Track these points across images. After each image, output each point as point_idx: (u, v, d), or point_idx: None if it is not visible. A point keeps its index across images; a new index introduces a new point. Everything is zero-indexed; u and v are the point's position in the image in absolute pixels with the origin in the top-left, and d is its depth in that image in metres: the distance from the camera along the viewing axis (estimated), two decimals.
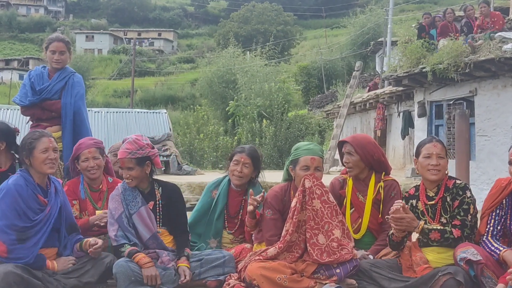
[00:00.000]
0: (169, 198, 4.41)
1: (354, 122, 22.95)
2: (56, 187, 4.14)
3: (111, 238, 4.22)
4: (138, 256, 4.07)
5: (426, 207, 4.04)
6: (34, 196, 3.96)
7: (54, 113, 5.48)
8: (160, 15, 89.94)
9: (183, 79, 59.69)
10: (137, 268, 4.00)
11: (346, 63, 38.96)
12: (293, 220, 3.95)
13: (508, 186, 3.88)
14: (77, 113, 5.48)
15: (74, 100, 5.48)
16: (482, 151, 11.83)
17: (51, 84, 5.46)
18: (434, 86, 13.78)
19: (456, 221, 3.88)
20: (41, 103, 5.45)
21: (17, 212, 3.84)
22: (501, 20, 12.97)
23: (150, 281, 3.99)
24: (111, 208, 4.28)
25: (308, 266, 3.90)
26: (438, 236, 3.84)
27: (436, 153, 3.99)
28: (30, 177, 3.98)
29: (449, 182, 4.02)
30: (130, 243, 4.18)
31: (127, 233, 4.22)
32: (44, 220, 3.95)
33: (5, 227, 3.78)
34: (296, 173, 4.22)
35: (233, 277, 4.08)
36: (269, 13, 65.76)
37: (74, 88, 5.52)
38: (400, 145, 17.63)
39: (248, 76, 33.10)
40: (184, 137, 28.56)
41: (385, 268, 3.95)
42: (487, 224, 3.87)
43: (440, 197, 3.99)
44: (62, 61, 5.50)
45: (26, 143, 4.04)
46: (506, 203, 3.85)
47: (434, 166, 3.97)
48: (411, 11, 48.60)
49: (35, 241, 3.88)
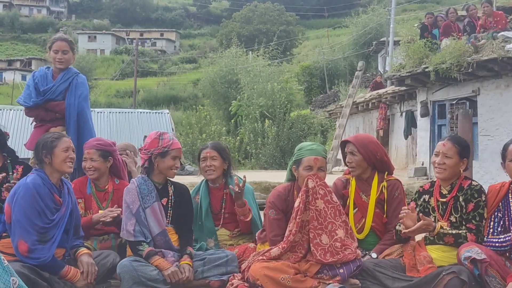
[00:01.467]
0: (180, 196, 4.45)
1: (357, 122, 22.94)
2: (68, 188, 4.17)
3: (128, 233, 4.19)
4: (157, 260, 4.09)
5: (438, 204, 4.06)
6: (51, 196, 3.97)
7: (58, 114, 5.46)
8: (162, 16, 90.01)
9: (185, 79, 59.73)
10: (142, 268, 4.00)
11: (348, 63, 38.90)
12: (296, 220, 3.95)
13: (502, 189, 3.92)
14: (80, 114, 5.46)
15: (78, 101, 5.45)
16: (485, 150, 11.83)
17: (55, 85, 5.44)
18: (436, 86, 13.78)
19: (471, 225, 3.88)
20: (45, 104, 5.44)
21: (37, 211, 3.85)
22: (504, 20, 12.95)
23: (172, 278, 4.01)
24: (128, 202, 4.26)
25: (312, 266, 3.89)
26: (452, 240, 3.86)
27: (443, 152, 4.00)
28: (46, 176, 4.00)
29: (464, 182, 4.02)
30: (147, 240, 4.19)
31: (143, 228, 4.22)
32: (60, 220, 3.97)
33: (28, 226, 3.79)
34: (299, 173, 4.22)
35: (236, 277, 4.08)
36: (271, 13, 65.78)
37: (78, 89, 5.49)
38: (402, 145, 17.62)
39: (251, 76, 33.11)
40: (186, 137, 28.56)
41: (389, 267, 3.94)
42: (488, 227, 3.90)
43: (452, 196, 4.00)
44: (65, 61, 5.48)
45: (47, 141, 4.06)
46: (502, 205, 3.88)
47: (438, 164, 4.00)
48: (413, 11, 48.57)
49: (52, 241, 3.90)
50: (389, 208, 4.31)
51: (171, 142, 4.34)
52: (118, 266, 4.00)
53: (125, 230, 4.22)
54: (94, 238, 4.59)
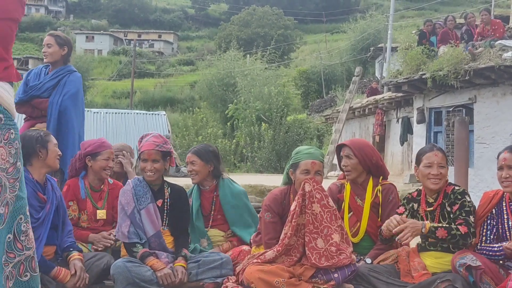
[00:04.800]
0: (176, 198, 4.45)
1: (353, 127, 22.96)
2: (52, 184, 4.14)
3: (123, 234, 4.21)
4: (151, 261, 4.09)
5: (426, 213, 4.06)
6: (34, 194, 3.93)
7: (44, 112, 5.38)
8: (161, 17, 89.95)
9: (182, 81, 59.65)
10: (137, 269, 3.99)
11: (345, 68, 38.98)
12: (292, 224, 3.94)
13: (495, 196, 3.92)
14: (63, 113, 5.32)
15: (62, 99, 5.33)
16: (480, 158, 11.86)
17: (42, 82, 5.39)
18: (433, 93, 13.81)
19: (460, 220, 3.87)
20: (30, 100, 5.36)
21: None
22: (502, 28, 13.00)
23: (165, 280, 4.01)
24: (123, 203, 4.28)
25: (306, 270, 3.89)
26: (445, 233, 3.81)
27: (437, 162, 4.00)
28: (28, 175, 3.92)
29: (448, 188, 4.03)
30: (141, 242, 4.20)
31: (138, 229, 4.23)
32: (45, 218, 3.95)
33: None
34: (296, 176, 4.22)
35: (230, 279, 4.08)
36: (270, 17, 65.78)
37: (66, 87, 5.39)
38: (398, 151, 17.63)
39: (248, 79, 33.15)
40: (182, 139, 28.54)
41: (383, 273, 3.94)
42: (480, 234, 3.89)
43: (438, 204, 4.00)
44: (49, 54, 5.40)
45: (40, 135, 4.05)
46: (496, 213, 3.88)
47: (435, 175, 3.98)
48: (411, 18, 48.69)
49: (39, 240, 3.85)
50: (383, 212, 4.32)
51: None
52: (112, 267, 3.99)
53: (120, 232, 4.22)
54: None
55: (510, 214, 3.80)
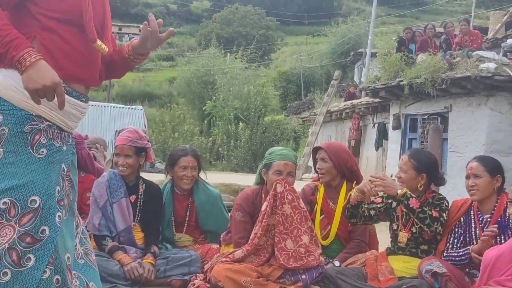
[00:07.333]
0: (150, 195, 4.43)
1: (330, 130, 23.06)
2: None
3: (94, 226, 4.20)
4: (120, 255, 4.08)
5: (402, 213, 4.08)
6: None
7: None
8: (142, 11, 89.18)
9: (161, 77, 59.28)
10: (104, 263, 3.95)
11: (325, 72, 39.08)
12: (262, 224, 3.94)
13: (464, 205, 3.96)
14: None
15: None
16: (453, 167, 11.96)
17: None
18: (410, 100, 13.91)
19: (435, 212, 3.87)
20: None
21: None
22: (480, 39, 13.14)
23: (131, 273, 3.98)
24: (96, 195, 4.27)
25: (274, 271, 3.89)
26: (417, 204, 3.82)
27: (400, 166, 4.06)
28: None
29: (429, 195, 4.07)
30: (111, 235, 4.19)
31: (109, 223, 4.22)
32: None
33: None
34: (268, 177, 4.22)
35: (198, 277, 4.07)
36: (252, 16, 65.67)
37: None
38: (373, 156, 17.74)
39: (227, 78, 33.11)
40: (158, 134, 28.36)
41: (351, 276, 3.97)
42: (447, 242, 3.93)
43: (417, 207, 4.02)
44: None
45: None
46: (464, 221, 3.91)
47: (398, 178, 4.04)
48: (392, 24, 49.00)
49: None
50: None
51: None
52: None
53: (91, 223, 4.21)
54: None
55: (477, 223, 3.83)
